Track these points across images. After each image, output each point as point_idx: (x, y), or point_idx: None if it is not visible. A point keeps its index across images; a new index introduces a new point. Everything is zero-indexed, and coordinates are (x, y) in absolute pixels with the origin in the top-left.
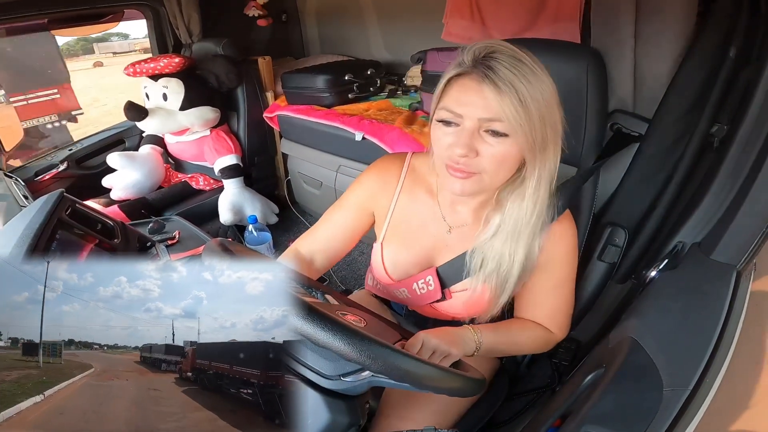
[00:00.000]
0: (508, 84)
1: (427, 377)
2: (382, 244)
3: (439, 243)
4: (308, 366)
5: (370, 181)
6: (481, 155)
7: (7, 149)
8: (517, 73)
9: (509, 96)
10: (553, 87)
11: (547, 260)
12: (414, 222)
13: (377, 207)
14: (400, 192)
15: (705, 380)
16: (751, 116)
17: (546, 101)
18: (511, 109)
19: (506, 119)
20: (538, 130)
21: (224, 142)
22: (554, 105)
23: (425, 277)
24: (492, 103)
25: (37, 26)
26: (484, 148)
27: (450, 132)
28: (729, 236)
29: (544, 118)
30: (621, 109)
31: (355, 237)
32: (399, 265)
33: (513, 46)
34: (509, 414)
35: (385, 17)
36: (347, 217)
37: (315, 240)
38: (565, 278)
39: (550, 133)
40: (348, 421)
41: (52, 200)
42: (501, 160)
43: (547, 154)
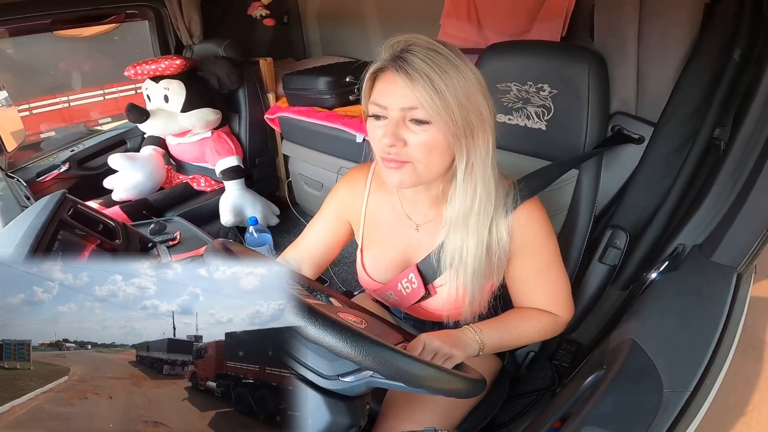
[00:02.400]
0: (421, 74)
1: (425, 377)
2: (361, 250)
3: (412, 241)
4: (307, 365)
5: (340, 191)
6: (409, 144)
7: (8, 150)
8: (430, 63)
9: (422, 84)
10: (476, 77)
11: (521, 245)
12: (384, 224)
13: (351, 215)
14: (368, 198)
15: (705, 382)
16: (751, 118)
17: (465, 90)
18: (425, 97)
19: (423, 107)
20: (458, 117)
21: (225, 144)
22: (476, 93)
23: (408, 276)
24: (407, 92)
25: (40, 27)
26: (410, 137)
27: (380, 125)
28: (730, 238)
29: (464, 106)
30: (623, 111)
31: (337, 245)
32: (379, 267)
33: (431, 40)
34: (510, 415)
35: (387, 19)
36: (326, 227)
37: (300, 250)
38: (549, 259)
39: (474, 120)
40: (348, 422)
41: (54, 201)
42: (429, 147)
43: (477, 141)
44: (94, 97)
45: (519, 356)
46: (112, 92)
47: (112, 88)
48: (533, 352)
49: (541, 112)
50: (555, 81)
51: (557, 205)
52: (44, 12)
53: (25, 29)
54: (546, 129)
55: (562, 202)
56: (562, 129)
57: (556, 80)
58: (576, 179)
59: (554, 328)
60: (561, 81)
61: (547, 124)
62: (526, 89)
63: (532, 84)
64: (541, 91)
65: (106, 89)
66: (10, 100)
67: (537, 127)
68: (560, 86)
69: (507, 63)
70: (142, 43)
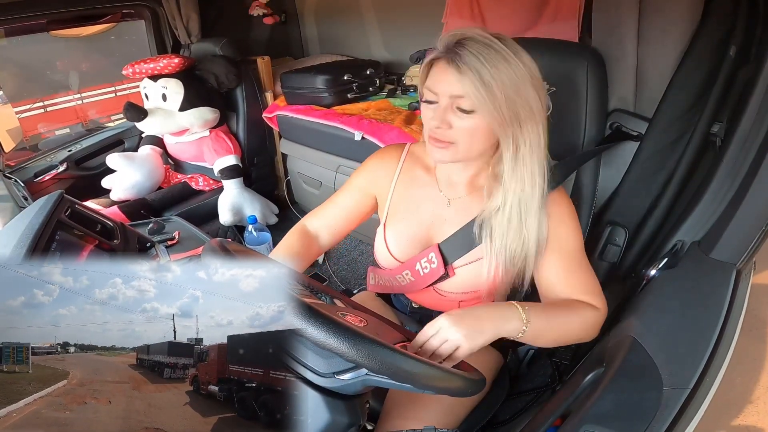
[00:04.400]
0: (471, 67)
1: (422, 376)
2: (385, 225)
3: (438, 219)
4: (303, 363)
5: (371, 165)
6: (453, 128)
7: (6, 150)
8: (480, 57)
9: (470, 77)
10: (528, 72)
11: (553, 237)
12: (413, 200)
13: (378, 190)
14: (399, 174)
15: (705, 379)
16: (749, 114)
17: (513, 83)
18: (472, 89)
19: (468, 97)
20: (504, 108)
21: (224, 143)
22: (527, 87)
23: (428, 255)
24: (456, 82)
25: (36, 27)
26: (455, 121)
27: (431, 109)
28: (728, 235)
29: (511, 98)
30: (621, 108)
31: (358, 218)
32: (401, 244)
33: (486, 34)
34: (510, 413)
35: (385, 17)
36: (351, 198)
37: (320, 218)
38: (581, 249)
39: (522, 112)
40: (347, 421)
41: (52, 201)
42: (471, 133)
43: (525, 131)
44: (106, 94)
45: (520, 353)
46: (123, 89)
47: (122, 85)
48: (533, 349)
49: None
50: (553, 78)
51: None
52: (40, 12)
53: (21, 29)
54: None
55: None
56: (560, 126)
57: (555, 77)
58: (575, 177)
59: (595, 324)
60: (559, 78)
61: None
62: None
63: None
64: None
65: (117, 86)
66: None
67: None
68: (558, 83)
69: None
70: (138, 42)
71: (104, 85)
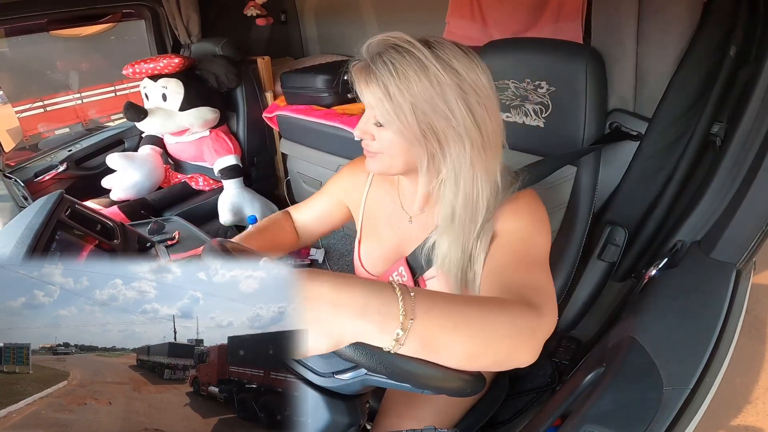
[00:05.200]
0: (378, 77)
1: (421, 376)
2: (359, 240)
3: (404, 234)
4: (303, 363)
5: (344, 176)
6: (375, 139)
7: (6, 150)
8: (391, 66)
9: (373, 88)
10: (457, 82)
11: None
12: (382, 215)
13: (350, 202)
14: (369, 187)
15: (705, 379)
16: (749, 114)
17: (427, 96)
18: (376, 101)
19: (375, 109)
20: (412, 122)
21: (224, 143)
22: (448, 99)
23: (398, 268)
24: (367, 94)
25: (36, 26)
26: (375, 132)
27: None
28: (729, 235)
29: (422, 111)
30: (621, 108)
31: (329, 225)
32: (374, 259)
33: (411, 39)
34: (509, 413)
35: (384, 16)
36: (323, 205)
37: (299, 215)
38: (535, 254)
39: (441, 126)
40: (348, 421)
41: (52, 201)
42: (387, 146)
43: (447, 147)
44: (106, 94)
45: None
46: (123, 89)
47: (122, 84)
48: None
49: (539, 109)
50: (553, 78)
51: (556, 202)
52: (40, 12)
53: (21, 29)
54: (544, 126)
55: (561, 200)
56: (560, 126)
57: (554, 77)
58: (574, 176)
59: (532, 330)
60: (559, 78)
61: (545, 122)
62: (524, 86)
63: (530, 81)
64: (539, 88)
65: (117, 86)
66: (6, 98)
67: (535, 124)
68: (558, 83)
69: (504, 60)
70: (138, 42)
71: (104, 84)
